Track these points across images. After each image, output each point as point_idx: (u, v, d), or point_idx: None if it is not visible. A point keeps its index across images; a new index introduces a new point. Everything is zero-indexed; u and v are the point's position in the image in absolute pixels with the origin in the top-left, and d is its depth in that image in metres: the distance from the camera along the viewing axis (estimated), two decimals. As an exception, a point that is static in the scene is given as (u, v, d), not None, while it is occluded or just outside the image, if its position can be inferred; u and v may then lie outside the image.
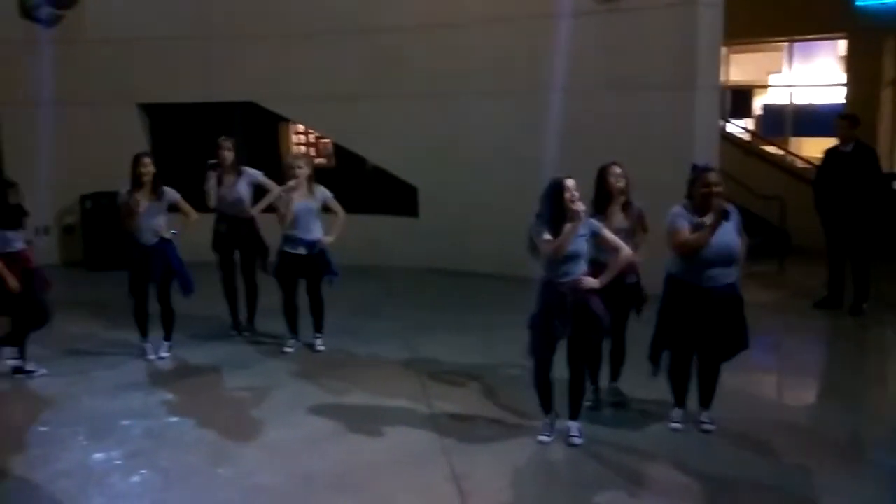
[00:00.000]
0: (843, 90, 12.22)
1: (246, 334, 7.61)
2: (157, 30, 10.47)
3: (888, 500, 4.66)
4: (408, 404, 5.88)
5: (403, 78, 9.96)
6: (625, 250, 5.08)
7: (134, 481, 4.83)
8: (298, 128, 12.65)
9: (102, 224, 9.95)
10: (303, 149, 12.75)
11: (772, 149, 12.66)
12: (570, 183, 4.95)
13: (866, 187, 7.86)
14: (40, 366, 6.65)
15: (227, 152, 7.24)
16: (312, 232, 6.83)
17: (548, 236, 4.96)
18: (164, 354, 7.00)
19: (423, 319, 8.08)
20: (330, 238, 6.92)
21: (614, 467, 4.93)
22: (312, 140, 12.90)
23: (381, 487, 4.72)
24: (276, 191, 7.01)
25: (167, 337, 7.07)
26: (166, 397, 6.18)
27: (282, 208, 6.73)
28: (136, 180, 6.70)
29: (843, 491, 4.60)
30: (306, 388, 6.29)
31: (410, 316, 8.22)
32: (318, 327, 7.16)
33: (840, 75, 12.73)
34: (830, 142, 8.71)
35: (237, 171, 7.30)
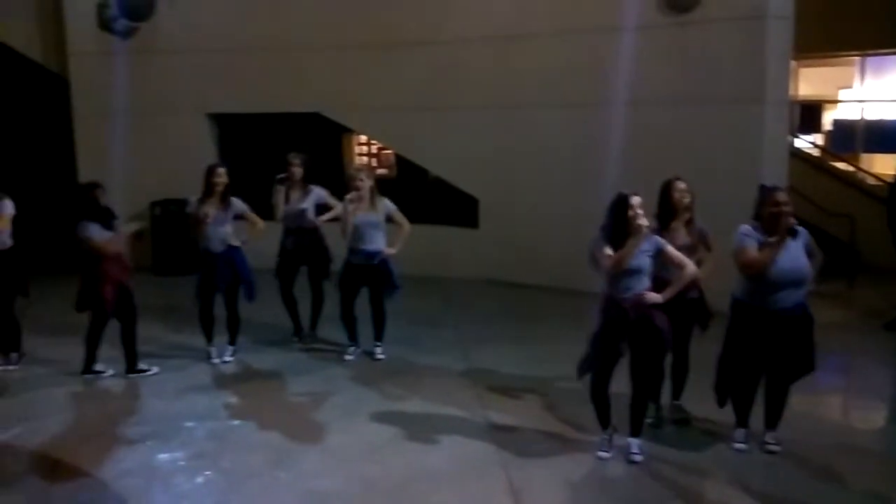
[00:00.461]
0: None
1: (307, 341, 7.72)
2: (227, 41, 10.72)
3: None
4: (466, 415, 5.89)
5: (466, 89, 10.00)
6: (689, 267, 5.02)
7: (198, 482, 4.94)
8: (361, 138, 12.83)
9: (171, 230, 10.20)
10: (365, 159, 12.97)
11: (842, 165, 12.37)
12: (634, 200, 4.92)
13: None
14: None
15: (296, 168, 7.36)
16: (374, 243, 6.89)
17: (609, 251, 4.93)
18: (229, 358, 7.14)
19: (481, 331, 8.09)
20: (392, 249, 6.98)
21: (674, 486, 4.85)
22: (374, 151, 13.09)
23: (439, 498, 4.73)
24: (340, 208, 7.12)
25: (232, 341, 7.21)
26: (230, 400, 6.31)
27: (344, 220, 6.83)
28: (208, 190, 6.87)
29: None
30: (366, 396, 6.35)
31: (469, 327, 8.23)
32: (378, 336, 7.22)
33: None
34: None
35: (304, 188, 7.40)
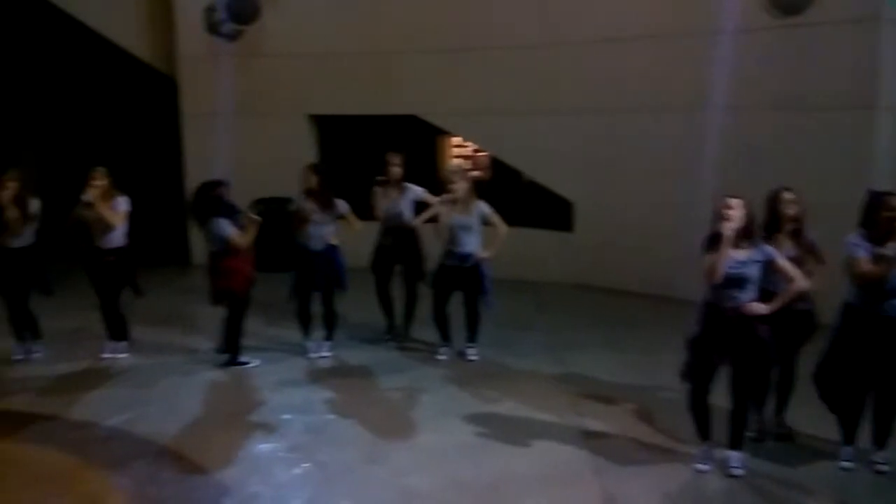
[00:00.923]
0: None
1: (401, 339, 7.81)
2: (328, 45, 10.94)
3: None
4: (559, 420, 5.86)
5: (564, 92, 9.93)
6: (799, 281, 4.84)
7: (295, 473, 5.06)
8: (455, 141, 12.89)
9: (271, 228, 10.46)
10: (459, 162, 13.02)
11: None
12: (729, 201, 4.78)
13: None
14: (252, 358, 7.13)
15: (395, 168, 7.46)
16: (467, 246, 6.92)
17: (709, 258, 4.82)
18: (326, 354, 7.29)
19: (575, 336, 8.02)
20: (486, 253, 6.98)
21: (774, 503, 4.71)
22: (469, 153, 13.13)
23: (532, 502, 4.72)
24: (437, 207, 7.18)
25: (328, 337, 7.36)
26: (325, 395, 6.43)
27: (439, 221, 6.88)
28: (308, 190, 7.04)
29: None
30: (458, 396, 6.38)
31: (563, 331, 8.17)
32: (471, 337, 7.25)
33: None
34: None
35: (401, 187, 7.50)
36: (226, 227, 6.71)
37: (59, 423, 5.85)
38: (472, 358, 7.19)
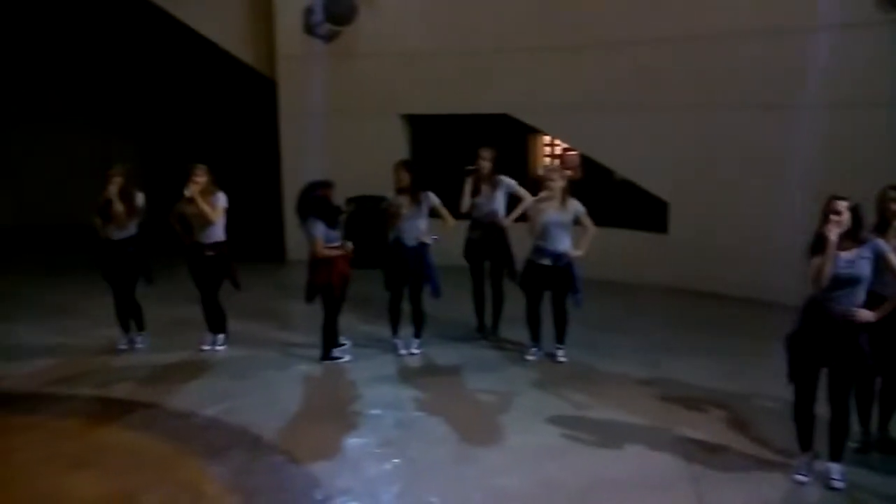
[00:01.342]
0: None
1: (490, 339, 7.80)
2: (421, 45, 11.03)
3: None
4: (651, 425, 5.74)
5: (660, 90, 9.73)
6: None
7: (385, 469, 5.11)
8: (546, 139, 12.81)
9: (363, 225, 10.62)
10: (549, 160, 12.93)
11: None
12: (835, 203, 4.59)
13: None
14: (345, 353, 7.29)
15: (485, 162, 7.47)
16: (560, 244, 6.86)
17: (815, 261, 4.64)
18: (415, 351, 7.35)
19: (668, 339, 7.84)
20: (578, 252, 6.91)
21: (878, 518, 4.52)
22: (559, 152, 13.01)
23: (625, 507, 4.65)
24: (529, 201, 7.13)
25: (417, 334, 7.41)
26: (415, 392, 6.47)
27: (533, 218, 6.83)
28: (399, 186, 7.10)
29: None
30: (547, 397, 6.32)
31: (655, 334, 7.99)
32: (560, 338, 7.18)
33: None
34: None
35: (493, 181, 7.50)
36: (318, 229, 6.84)
37: (159, 411, 6.08)
38: (562, 360, 7.12)
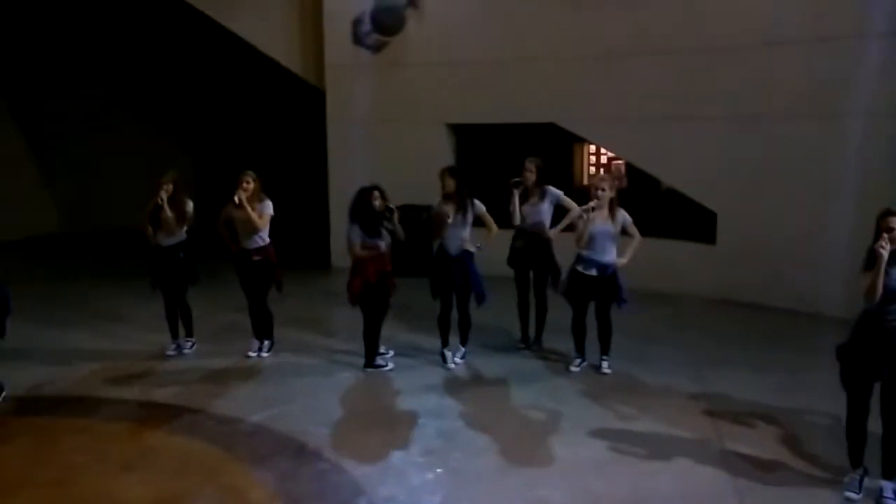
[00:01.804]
0: None
1: (533, 349, 7.77)
2: (467, 54, 11.06)
3: None
4: (696, 438, 5.65)
5: (709, 99, 9.63)
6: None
7: (428, 478, 5.11)
8: (591, 148, 12.74)
9: (407, 233, 10.66)
10: (595, 170, 12.86)
11: None
12: (891, 219, 4.50)
13: None
14: (389, 361, 7.33)
15: (529, 174, 7.45)
16: (607, 254, 6.81)
17: (868, 275, 4.54)
18: (459, 360, 7.34)
19: (714, 352, 7.72)
20: (623, 260, 6.87)
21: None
22: (605, 161, 12.93)
23: (669, 521, 4.59)
24: (577, 211, 7.09)
25: (463, 342, 7.41)
26: (458, 402, 6.46)
27: (580, 228, 6.79)
28: (445, 193, 7.11)
29: None
30: (591, 409, 6.27)
31: (701, 347, 7.88)
32: (604, 349, 7.12)
33: None
34: None
35: (540, 191, 7.48)
36: (354, 233, 6.90)
37: (205, 416, 6.17)
38: (606, 371, 7.07)
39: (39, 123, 15.59)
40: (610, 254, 6.80)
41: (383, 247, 7.01)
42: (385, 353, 7.37)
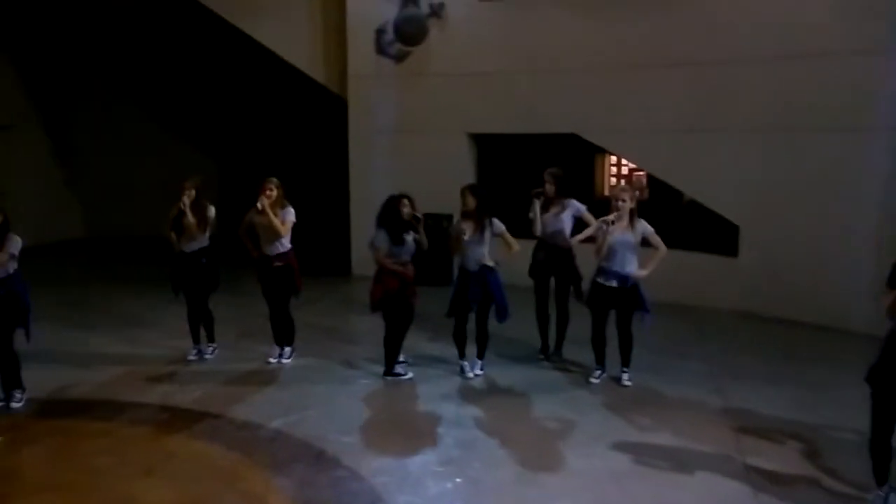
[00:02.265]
0: None
1: (553, 360, 7.74)
2: (489, 64, 11.08)
3: None
4: (718, 453, 5.60)
5: (733, 111, 9.58)
6: None
7: (447, 487, 5.10)
8: (612, 159, 12.70)
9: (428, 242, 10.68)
10: (616, 180, 12.81)
11: None
12: None
13: None
14: (408, 369, 7.33)
15: (549, 185, 7.44)
16: (627, 266, 6.78)
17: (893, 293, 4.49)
18: (478, 372, 7.31)
19: (736, 366, 7.66)
20: (643, 272, 6.82)
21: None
22: (626, 172, 12.88)
23: (689, 535, 4.55)
24: (596, 224, 7.07)
25: (480, 356, 7.38)
26: (476, 412, 6.44)
27: (599, 239, 6.77)
28: (465, 211, 7.10)
29: None
30: (611, 421, 6.24)
31: (723, 360, 7.82)
32: (625, 361, 7.08)
33: None
34: None
35: (561, 203, 7.46)
36: (380, 240, 6.95)
37: (226, 421, 6.20)
38: (626, 383, 7.02)
39: (67, 130, 15.81)
40: (630, 265, 6.77)
41: (407, 256, 7.02)
42: (404, 362, 7.38)
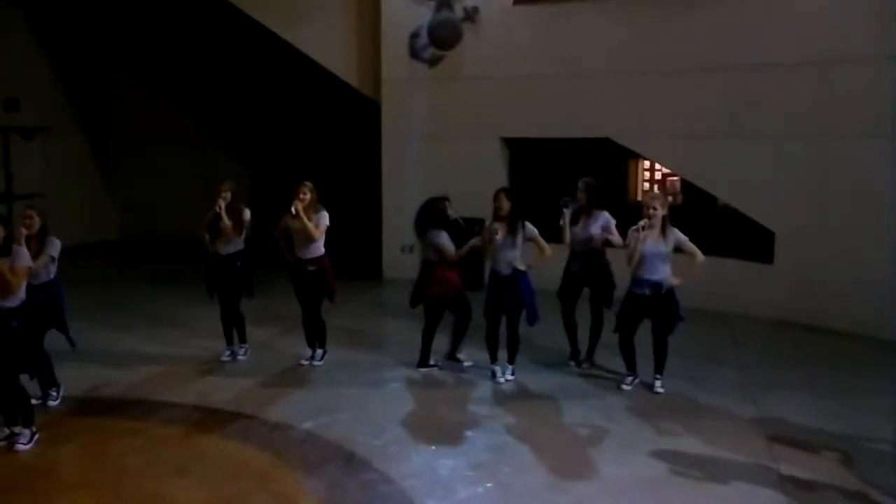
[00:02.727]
0: None
1: (584, 366, 7.70)
2: (523, 68, 11.09)
3: None
4: (751, 462, 5.52)
5: (771, 117, 9.48)
6: None
7: (478, 492, 5.08)
8: (646, 164, 12.63)
9: (458, 246, 10.67)
10: (649, 185, 12.75)
11: None
12: None
13: None
14: (439, 360, 7.60)
15: (581, 194, 7.40)
16: (659, 273, 6.71)
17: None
18: (509, 377, 7.29)
19: (770, 374, 7.56)
20: (677, 280, 6.74)
21: None
22: (659, 176, 12.82)
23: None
24: (617, 240, 7.16)
25: (511, 360, 7.35)
26: (507, 417, 6.42)
27: (630, 247, 6.72)
28: (495, 213, 7.09)
29: None
30: (643, 428, 6.18)
31: (757, 368, 7.72)
32: (658, 368, 7.02)
33: None
34: None
35: (593, 213, 7.41)
36: (444, 239, 7.14)
37: (257, 422, 6.24)
38: (659, 390, 6.96)
39: (104, 133, 16.08)
40: (662, 273, 6.70)
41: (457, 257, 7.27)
42: (433, 365, 7.47)
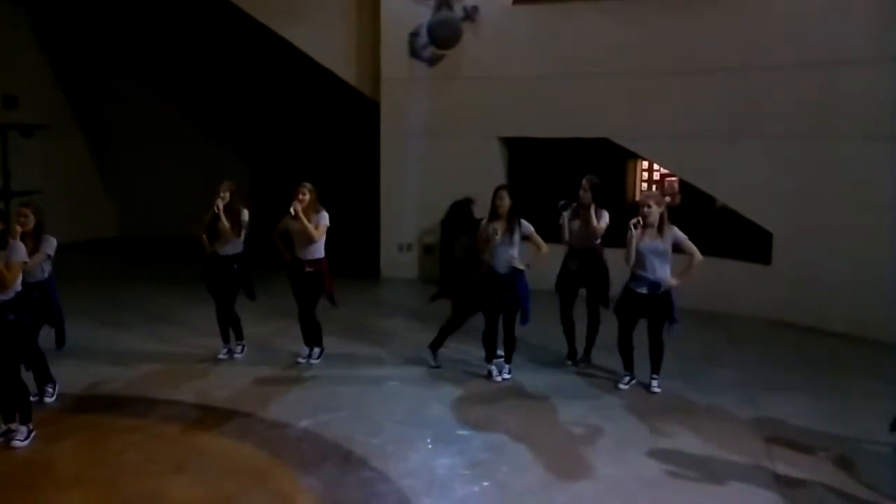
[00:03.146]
0: None
1: (581, 365, 7.70)
2: (522, 68, 11.10)
3: None
4: (748, 462, 5.53)
5: (764, 117, 9.50)
6: None
7: (474, 490, 5.09)
8: (644, 164, 12.65)
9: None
10: (648, 186, 12.77)
11: None
12: None
13: None
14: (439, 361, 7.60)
15: (584, 192, 7.39)
16: (657, 272, 6.72)
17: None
18: (507, 376, 7.30)
19: (768, 375, 7.56)
20: (675, 281, 6.75)
21: None
22: (657, 177, 12.83)
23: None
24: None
25: (507, 360, 7.36)
26: (505, 416, 6.42)
27: (628, 245, 6.72)
28: (493, 211, 7.10)
29: None
30: (639, 428, 6.18)
31: (755, 369, 7.73)
32: (655, 368, 7.02)
33: None
34: None
35: (595, 211, 7.38)
36: (460, 243, 7.24)
37: (255, 420, 6.24)
38: (656, 390, 6.96)
39: (103, 131, 16.07)
40: (660, 271, 6.71)
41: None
42: (437, 367, 7.50)
